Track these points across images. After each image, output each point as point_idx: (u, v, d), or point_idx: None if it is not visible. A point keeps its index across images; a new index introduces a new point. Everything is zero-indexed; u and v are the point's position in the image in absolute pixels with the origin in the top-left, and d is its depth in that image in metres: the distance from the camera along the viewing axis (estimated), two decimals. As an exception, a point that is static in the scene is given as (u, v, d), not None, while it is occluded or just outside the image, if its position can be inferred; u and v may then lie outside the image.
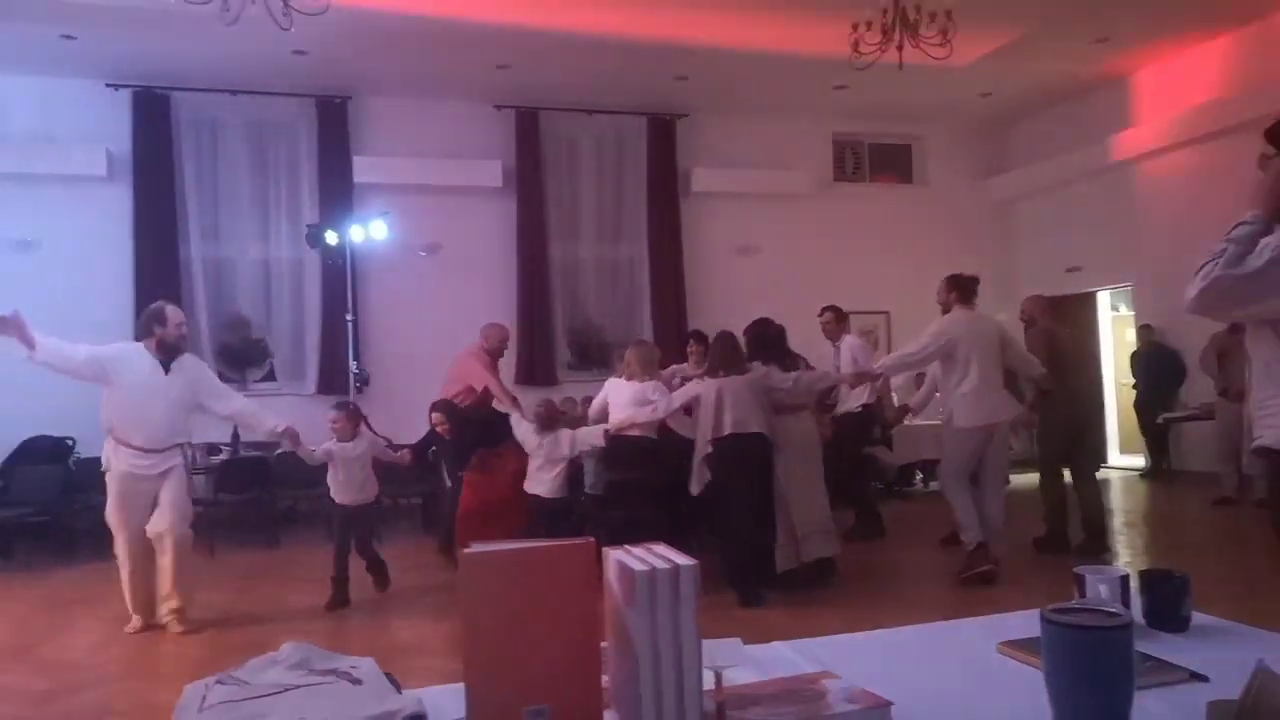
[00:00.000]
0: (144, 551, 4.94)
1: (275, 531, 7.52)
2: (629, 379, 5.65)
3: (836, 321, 7.20)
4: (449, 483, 6.47)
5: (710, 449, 5.17)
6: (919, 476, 9.53)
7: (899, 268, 10.73)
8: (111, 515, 4.94)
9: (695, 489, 5.29)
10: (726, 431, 5.09)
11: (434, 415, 6.23)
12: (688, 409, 5.52)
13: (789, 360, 5.57)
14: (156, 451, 4.89)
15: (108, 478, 4.97)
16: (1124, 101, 9.83)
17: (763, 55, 8.75)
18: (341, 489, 5.53)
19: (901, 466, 9.26)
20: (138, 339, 5.01)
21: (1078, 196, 10.62)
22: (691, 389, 5.47)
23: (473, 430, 6.17)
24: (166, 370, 4.91)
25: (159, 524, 4.89)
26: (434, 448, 6.58)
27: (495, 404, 6.80)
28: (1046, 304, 6.69)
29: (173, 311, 5.01)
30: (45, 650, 4.74)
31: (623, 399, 5.59)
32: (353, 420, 5.62)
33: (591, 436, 5.63)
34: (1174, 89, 9.27)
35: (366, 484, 5.61)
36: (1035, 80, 9.94)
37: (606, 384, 5.91)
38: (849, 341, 7.14)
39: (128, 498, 4.87)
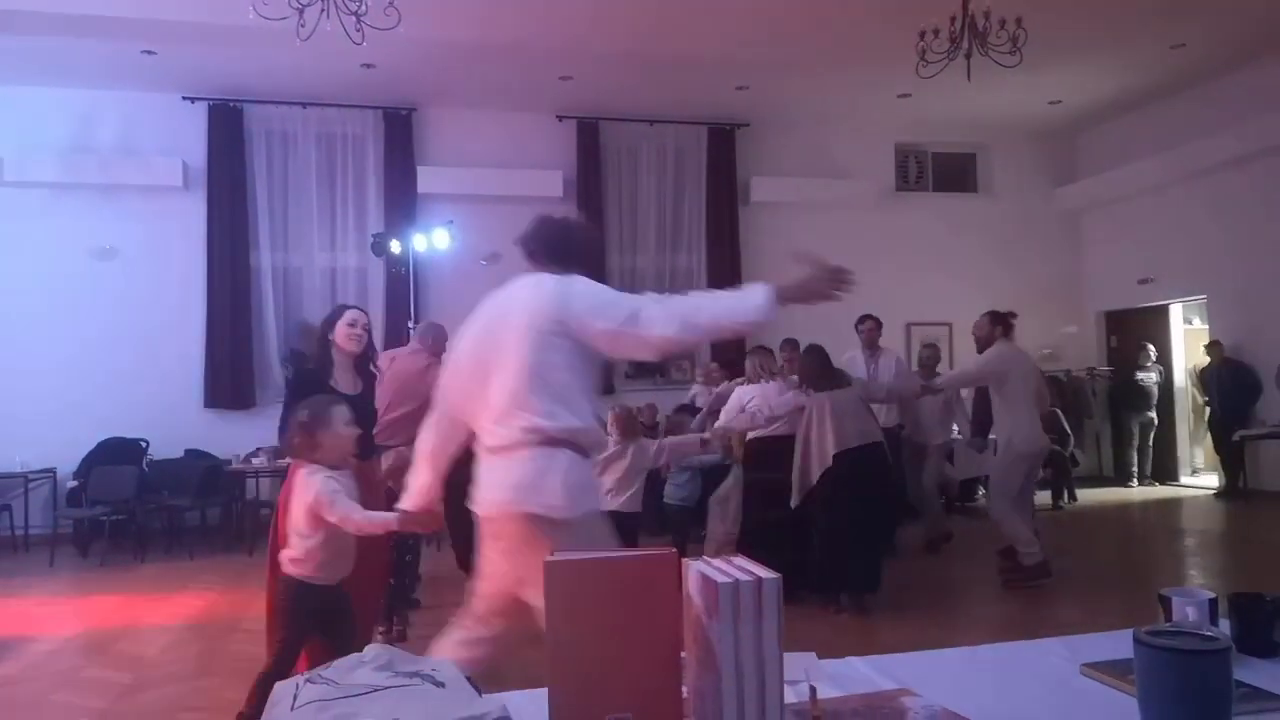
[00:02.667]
0: None
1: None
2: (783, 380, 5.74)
3: (877, 330, 7.33)
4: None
5: (830, 461, 5.20)
6: (981, 492, 9.36)
7: (962, 279, 10.56)
8: None
9: (795, 501, 5.34)
10: (854, 443, 5.17)
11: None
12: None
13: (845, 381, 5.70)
14: None
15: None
16: (1200, 109, 9.54)
17: (824, 64, 8.71)
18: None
19: (964, 481, 9.10)
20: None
21: (1150, 207, 10.35)
22: (796, 400, 5.53)
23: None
24: None
25: None
26: None
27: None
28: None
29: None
30: (122, 646, 4.89)
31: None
32: None
33: (688, 445, 5.58)
34: (1251, 97, 8.98)
35: None
36: (1107, 88, 9.72)
37: (754, 389, 5.79)
38: (894, 357, 7.34)
39: None
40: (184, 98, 8.93)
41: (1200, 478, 10.54)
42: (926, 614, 5.22)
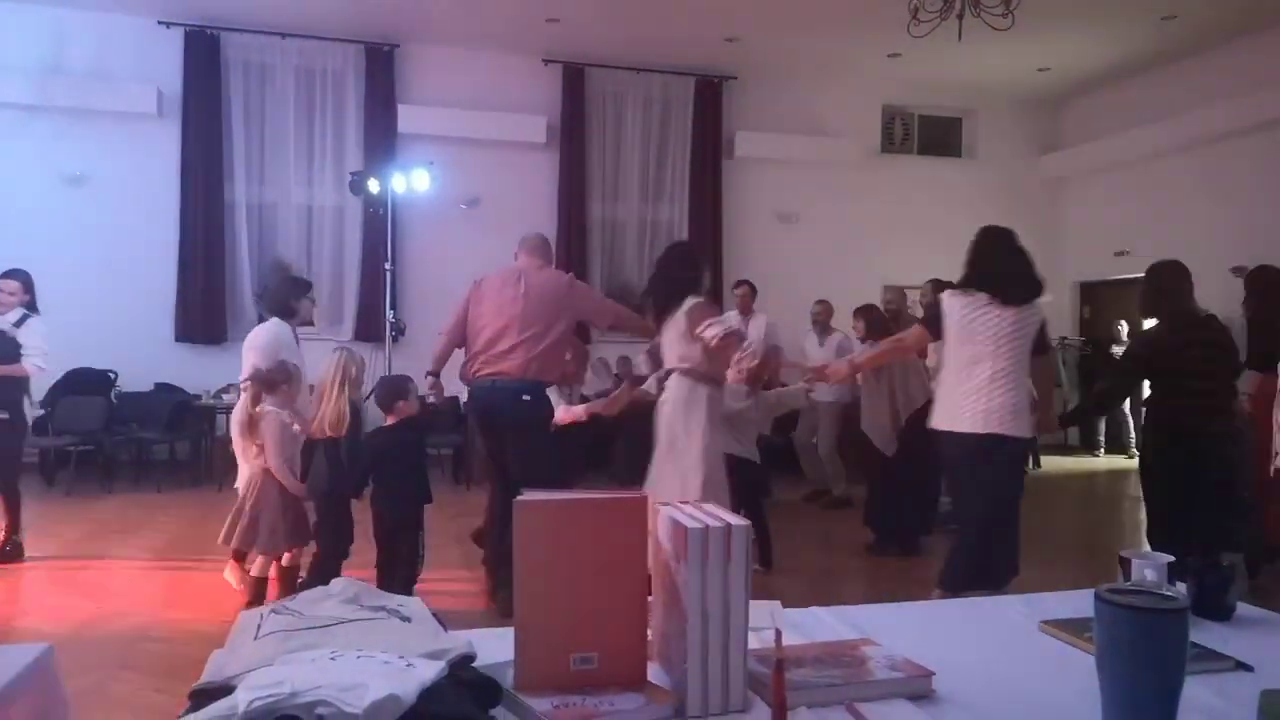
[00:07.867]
0: None
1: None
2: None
3: (752, 296, 7.28)
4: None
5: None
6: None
7: (943, 242, 10.52)
8: None
9: (890, 450, 5.69)
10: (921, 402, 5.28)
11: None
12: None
13: None
14: None
15: None
16: (1188, 82, 9.53)
17: (816, 19, 8.59)
18: None
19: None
20: None
21: (1131, 179, 10.37)
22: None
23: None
24: None
25: None
26: None
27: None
28: None
29: None
30: (87, 575, 4.89)
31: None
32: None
33: (793, 399, 5.77)
34: (1240, 72, 8.97)
35: None
36: (1097, 57, 9.69)
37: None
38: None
39: None
40: (159, 22, 8.67)
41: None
42: (890, 569, 5.30)
